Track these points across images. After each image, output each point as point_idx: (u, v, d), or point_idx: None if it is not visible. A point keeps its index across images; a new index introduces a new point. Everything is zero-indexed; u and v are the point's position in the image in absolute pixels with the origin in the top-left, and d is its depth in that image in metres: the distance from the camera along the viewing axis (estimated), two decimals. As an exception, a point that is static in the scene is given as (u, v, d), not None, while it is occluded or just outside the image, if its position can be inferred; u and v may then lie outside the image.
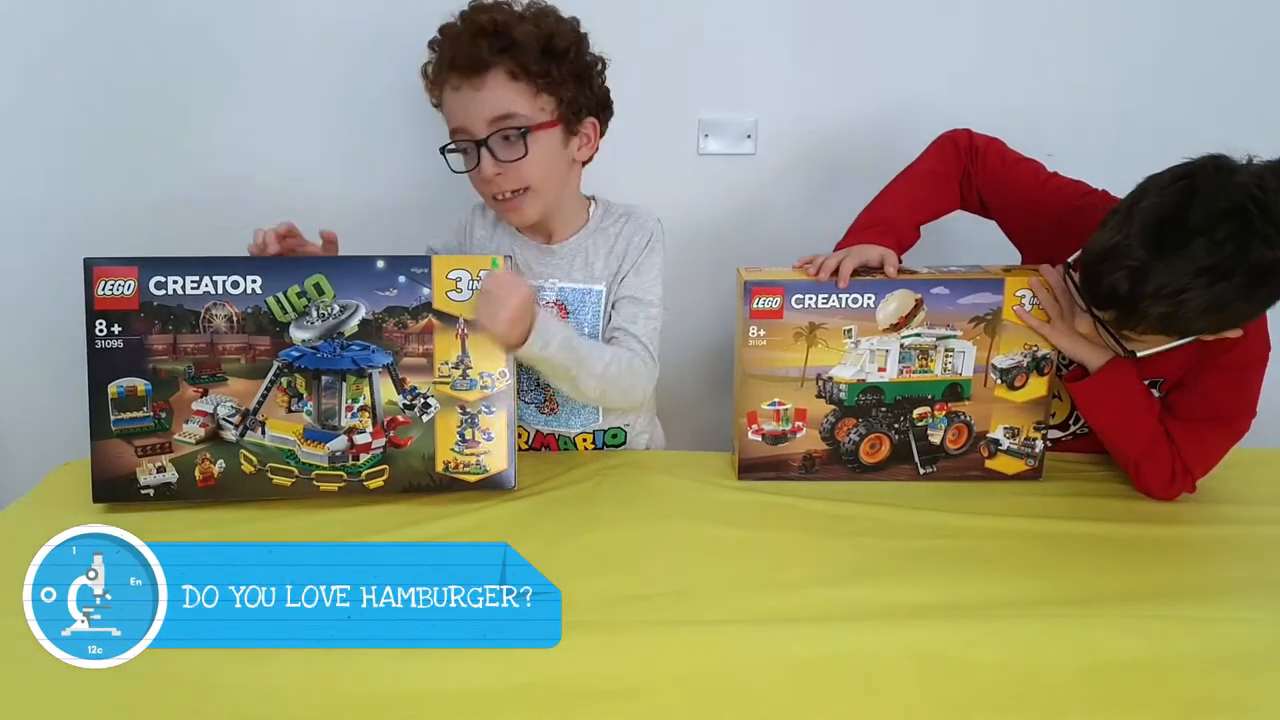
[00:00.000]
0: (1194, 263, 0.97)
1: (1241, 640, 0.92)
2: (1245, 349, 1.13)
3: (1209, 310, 0.99)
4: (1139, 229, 1.00)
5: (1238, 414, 1.17)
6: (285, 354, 1.11)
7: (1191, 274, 0.97)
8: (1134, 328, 1.04)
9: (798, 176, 1.58)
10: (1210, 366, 1.15)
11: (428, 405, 1.13)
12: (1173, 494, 1.18)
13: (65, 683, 0.86)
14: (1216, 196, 0.97)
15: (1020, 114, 1.45)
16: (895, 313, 1.17)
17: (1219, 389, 1.15)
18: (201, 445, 1.12)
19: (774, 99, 1.54)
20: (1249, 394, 1.16)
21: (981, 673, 0.88)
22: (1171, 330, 1.04)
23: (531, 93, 1.13)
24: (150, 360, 1.10)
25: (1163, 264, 0.98)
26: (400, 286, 1.10)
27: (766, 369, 1.19)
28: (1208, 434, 1.17)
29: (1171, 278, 0.97)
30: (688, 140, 1.55)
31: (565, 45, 1.15)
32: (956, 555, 1.06)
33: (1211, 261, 0.96)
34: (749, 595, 0.98)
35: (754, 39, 1.51)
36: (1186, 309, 0.98)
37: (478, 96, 1.12)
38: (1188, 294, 0.97)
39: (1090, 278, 1.05)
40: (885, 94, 1.55)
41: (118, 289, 1.09)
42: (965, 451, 1.23)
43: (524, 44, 1.11)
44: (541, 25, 1.14)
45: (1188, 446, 1.16)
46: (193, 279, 1.09)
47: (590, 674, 0.88)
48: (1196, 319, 1.00)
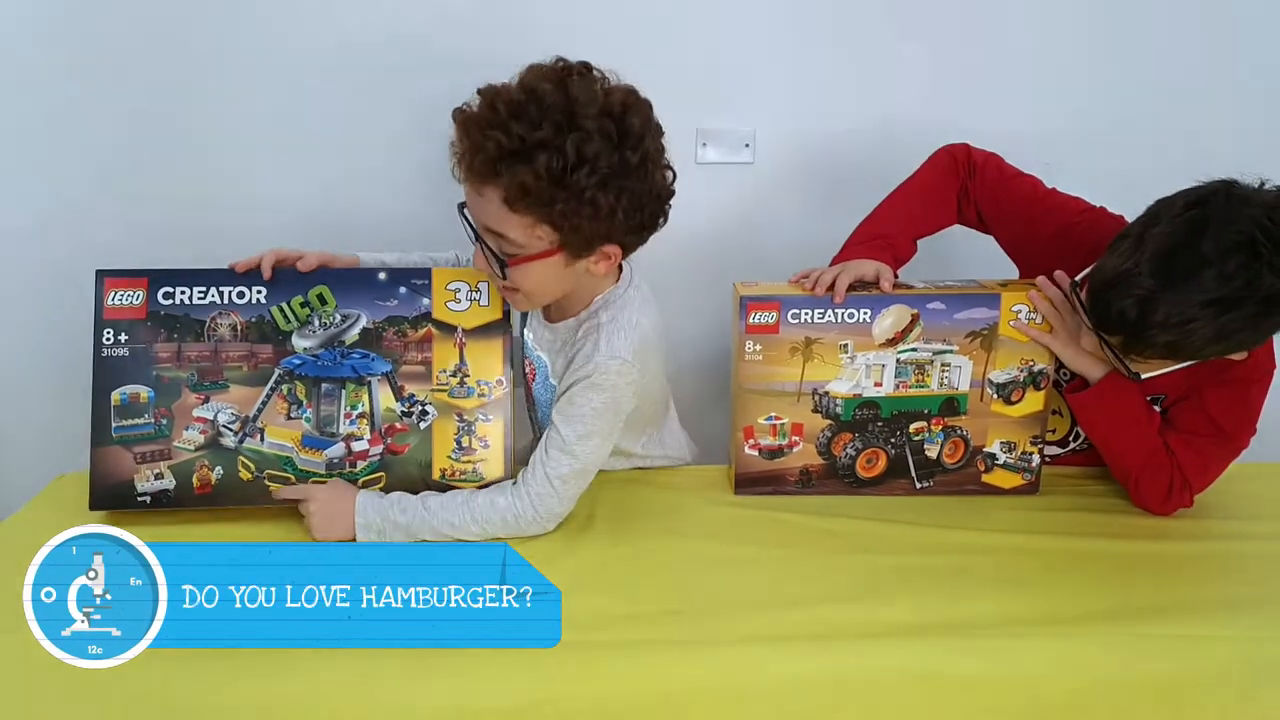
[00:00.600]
0: (1203, 294, 0.97)
1: (1240, 658, 0.92)
2: (1249, 365, 1.12)
3: (1215, 339, 1.00)
4: (1149, 257, 1.00)
5: (1239, 430, 1.16)
6: (287, 362, 1.13)
7: (1200, 305, 0.97)
8: (1140, 353, 1.05)
9: (796, 185, 1.59)
10: (1213, 381, 1.15)
11: (425, 412, 1.14)
12: (1170, 509, 1.17)
13: (65, 690, 0.87)
14: (1227, 228, 0.98)
15: (1019, 125, 1.46)
16: (891, 328, 1.18)
17: (1221, 404, 1.15)
18: (200, 452, 1.13)
19: (772, 108, 1.56)
20: (1251, 410, 1.16)
21: (978, 690, 0.88)
22: (1178, 357, 1.05)
23: (527, 224, 0.99)
24: (154, 367, 1.12)
25: (1172, 294, 0.98)
26: (401, 297, 1.12)
27: (763, 384, 1.20)
28: (1208, 449, 1.16)
29: (1180, 308, 0.97)
30: (686, 149, 1.54)
31: (599, 173, 0.96)
32: (953, 571, 1.06)
33: (1221, 294, 0.97)
34: (744, 613, 0.98)
35: (752, 48, 1.53)
36: (1193, 338, 0.99)
37: (477, 200, 1.01)
38: (1195, 324, 0.98)
39: (1099, 303, 1.04)
40: (883, 103, 1.56)
41: (127, 299, 1.12)
42: (962, 466, 1.23)
43: (535, 169, 0.94)
44: (580, 145, 0.94)
45: (1187, 461, 1.16)
46: (200, 289, 1.12)
47: (583, 694, 0.88)
48: (1203, 347, 1.01)
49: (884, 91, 1.55)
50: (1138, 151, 1.52)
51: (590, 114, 0.96)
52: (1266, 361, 1.15)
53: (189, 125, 1.53)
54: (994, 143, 1.31)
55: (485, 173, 0.96)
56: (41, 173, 1.54)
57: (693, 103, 1.53)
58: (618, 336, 1.08)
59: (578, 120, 0.95)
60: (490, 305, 1.14)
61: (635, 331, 1.09)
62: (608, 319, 1.10)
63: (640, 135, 0.98)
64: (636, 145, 0.98)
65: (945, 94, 1.54)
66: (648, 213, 1.03)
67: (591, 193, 0.96)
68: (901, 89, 1.55)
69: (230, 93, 1.52)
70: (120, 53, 1.49)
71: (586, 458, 1.09)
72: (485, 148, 0.95)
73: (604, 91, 0.98)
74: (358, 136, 1.54)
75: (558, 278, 1.06)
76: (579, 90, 0.96)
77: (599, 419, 1.08)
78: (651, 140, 1.00)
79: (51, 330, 1.55)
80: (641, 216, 1.02)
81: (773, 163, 1.58)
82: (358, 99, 1.53)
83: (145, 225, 1.54)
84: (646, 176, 1.00)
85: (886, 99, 1.56)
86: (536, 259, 1.02)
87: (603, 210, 0.98)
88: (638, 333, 1.09)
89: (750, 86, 1.55)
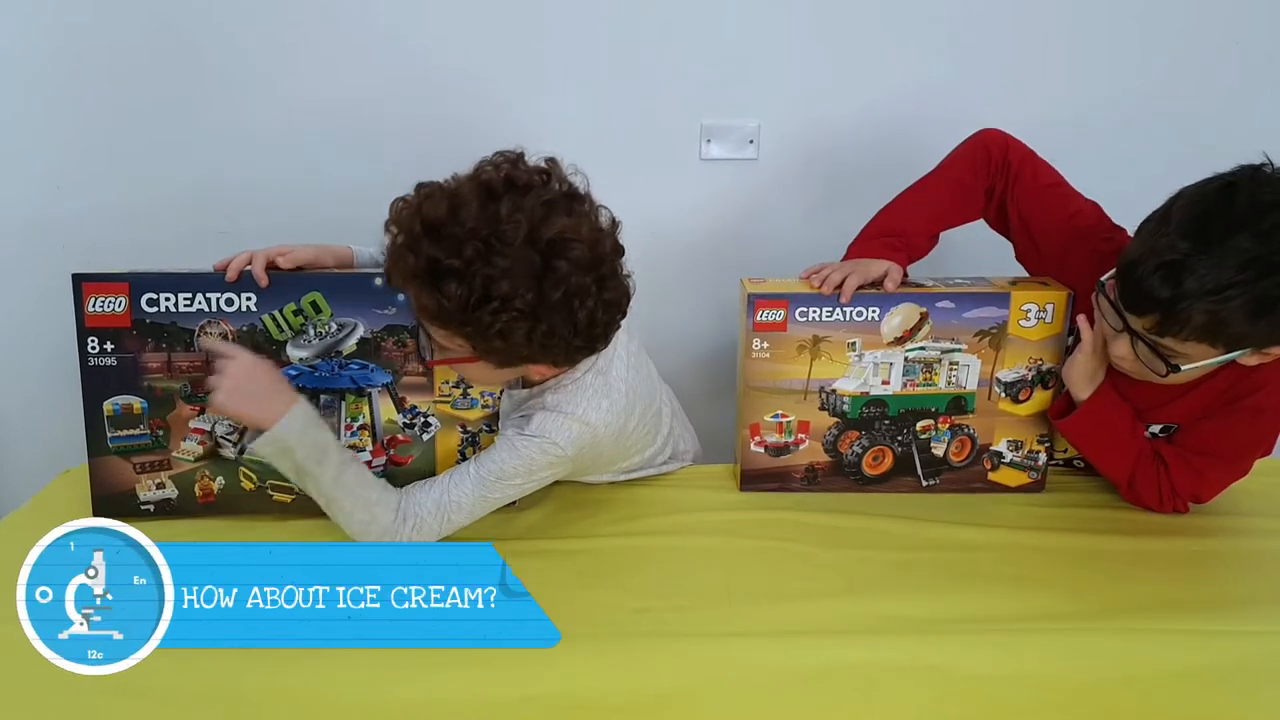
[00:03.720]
0: (1239, 254, 0.92)
1: (1246, 654, 0.93)
2: (1264, 394, 1.09)
3: (1255, 312, 0.93)
4: (1178, 225, 0.95)
5: (1241, 455, 1.14)
6: (283, 373, 1.09)
7: (1236, 267, 0.92)
8: (1176, 334, 0.98)
9: (800, 181, 1.57)
10: (1225, 410, 1.11)
11: (428, 424, 1.12)
12: (1166, 509, 1.17)
13: (65, 685, 0.86)
14: (1261, 190, 0.94)
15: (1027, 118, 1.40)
16: (900, 326, 1.16)
17: (1228, 429, 1.12)
18: (200, 462, 1.11)
19: (777, 104, 1.53)
20: (1258, 437, 1.13)
21: (983, 686, 0.89)
22: (1216, 338, 0.97)
23: (445, 334, 0.96)
24: (145, 378, 1.09)
25: (1206, 256, 0.92)
26: (399, 304, 1.08)
27: (770, 381, 1.18)
28: (1204, 467, 1.14)
29: (1214, 272, 0.92)
30: (690, 145, 1.53)
31: (510, 309, 0.89)
32: (959, 568, 1.06)
33: (1258, 252, 0.91)
34: (749, 608, 0.99)
35: (757, 43, 1.49)
36: (1230, 309, 0.93)
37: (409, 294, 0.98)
38: (1232, 291, 0.92)
39: (1129, 283, 0.99)
40: (889, 98, 1.52)
41: (109, 306, 1.07)
42: (968, 464, 1.23)
43: (445, 294, 0.89)
44: (490, 282, 0.88)
45: (1181, 476, 1.15)
46: (185, 296, 1.07)
47: (590, 688, 0.88)
48: (1241, 323, 0.94)
49: (889, 86, 1.52)
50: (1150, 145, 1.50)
51: (512, 244, 0.88)
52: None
53: (191, 125, 1.50)
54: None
55: (400, 282, 0.94)
56: (42, 170, 1.51)
57: (697, 99, 1.51)
58: (559, 426, 1.03)
59: (494, 251, 0.88)
60: (492, 314, 1.10)
61: (578, 427, 1.04)
62: (553, 403, 1.05)
63: (566, 275, 0.90)
64: (560, 282, 0.90)
65: (953, 89, 1.51)
66: (575, 344, 0.95)
67: (500, 327, 0.90)
68: (907, 84, 1.51)
69: (231, 95, 1.49)
70: (120, 56, 1.46)
71: (487, 500, 1.06)
72: (402, 260, 0.91)
73: (541, 213, 0.90)
74: (362, 136, 1.51)
75: (494, 374, 1.02)
76: (508, 211, 0.89)
77: (515, 475, 1.05)
78: (580, 277, 0.91)
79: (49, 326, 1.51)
80: (567, 348, 0.96)
81: (777, 159, 1.56)
82: (360, 100, 1.49)
83: (140, 221, 1.51)
84: (570, 313, 0.92)
85: (891, 94, 1.52)
86: (461, 361, 1.00)
87: (515, 341, 0.92)
88: (582, 429, 1.04)
89: (755, 82, 1.51)
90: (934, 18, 1.49)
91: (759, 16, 1.48)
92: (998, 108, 1.39)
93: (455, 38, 1.46)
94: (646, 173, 1.51)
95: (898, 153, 1.33)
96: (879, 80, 1.52)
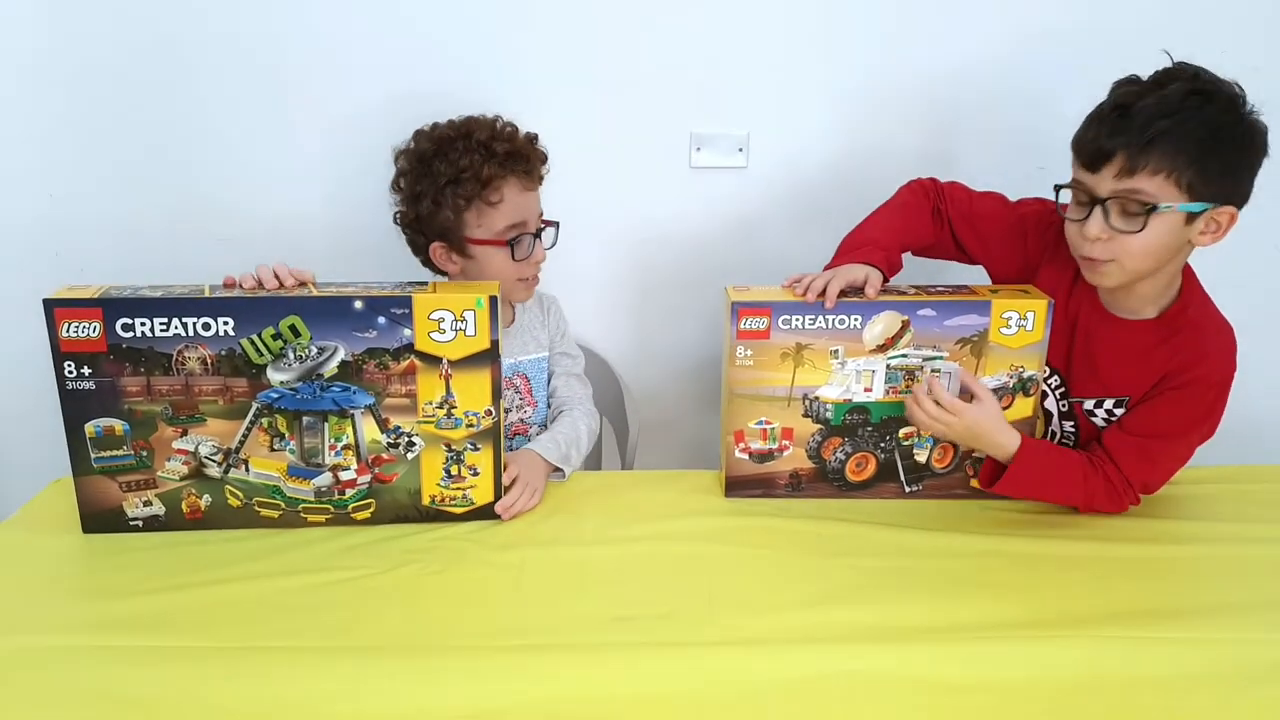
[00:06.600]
0: (1179, 92, 1.03)
1: (1226, 660, 0.94)
2: (1207, 370, 1.13)
3: (1209, 137, 1.02)
4: (1116, 89, 1.07)
5: (1188, 430, 1.17)
6: (264, 395, 1.08)
7: (1180, 96, 1.02)
8: (1144, 166, 1.03)
9: (789, 189, 1.55)
10: (1170, 386, 1.15)
11: (412, 443, 1.12)
12: (1124, 506, 1.19)
13: (64, 690, 0.88)
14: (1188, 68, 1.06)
15: (1013, 128, 1.43)
16: (882, 334, 1.16)
17: (1177, 405, 1.15)
18: (185, 481, 1.11)
19: (766, 112, 1.51)
20: (1205, 410, 1.16)
21: (965, 694, 0.90)
22: (1179, 166, 1.02)
23: None
24: (125, 401, 1.08)
25: (1150, 96, 1.03)
26: (380, 328, 1.07)
27: (754, 388, 1.19)
28: (1155, 449, 1.17)
29: (1161, 101, 1.02)
30: (679, 153, 1.52)
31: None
32: (941, 575, 1.07)
33: (1195, 87, 1.03)
34: (733, 616, 0.99)
35: (747, 52, 1.47)
36: (1187, 129, 1.01)
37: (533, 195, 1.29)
38: (1183, 113, 1.01)
39: (1088, 138, 1.06)
40: (877, 107, 1.51)
41: (83, 331, 1.05)
42: (951, 470, 1.24)
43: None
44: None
45: (1131, 465, 1.17)
46: (161, 321, 1.05)
47: (573, 697, 0.88)
48: (1196, 150, 1.02)
49: (877, 95, 1.50)
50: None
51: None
52: (1225, 369, 1.15)
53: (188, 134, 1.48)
54: (988, 144, 1.26)
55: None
56: (36, 178, 1.49)
57: (687, 107, 1.49)
58: None
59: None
60: (477, 335, 1.09)
61: None
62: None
63: None
64: None
65: (939, 101, 1.49)
66: None
67: None
68: (894, 93, 1.50)
69: (228, 103, 1.47)
70: (115, 63, 1.43)
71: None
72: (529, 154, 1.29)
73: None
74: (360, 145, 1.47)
75: None
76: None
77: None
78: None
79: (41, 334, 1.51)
80: None
81: (766, 167, 1.54)
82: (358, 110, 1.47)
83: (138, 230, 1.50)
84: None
85: (879, 103, 1.50)
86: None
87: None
88: None
89: (744, 91, 1.49)
90: (922, 28, 1.47)
91: (749, 25, 1.45)
92: (988, 115, 1.39)
93: (446, 47, 1.44)
94: (636, 179, 1.50)
95: (886, 165, 1.32)
96: (868, 88, 1.50)
